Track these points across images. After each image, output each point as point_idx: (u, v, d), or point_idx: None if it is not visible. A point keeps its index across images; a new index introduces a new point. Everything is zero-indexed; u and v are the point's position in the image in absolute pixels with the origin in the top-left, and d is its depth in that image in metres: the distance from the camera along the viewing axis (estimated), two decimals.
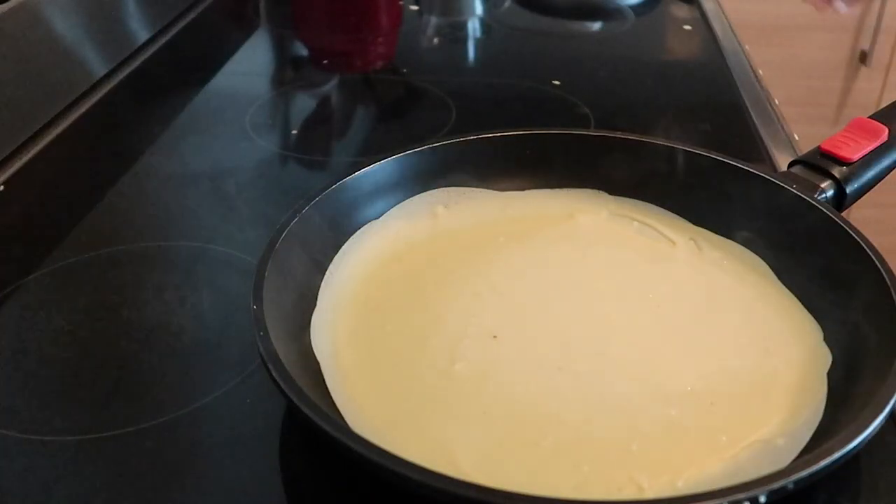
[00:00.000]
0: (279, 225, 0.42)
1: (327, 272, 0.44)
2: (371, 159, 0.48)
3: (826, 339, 0.40)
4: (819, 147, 0.49)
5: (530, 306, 0.43)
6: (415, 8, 0.98)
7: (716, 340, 0.41)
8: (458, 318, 0.42)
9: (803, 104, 1.49)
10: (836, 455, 0.30)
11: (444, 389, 0.38)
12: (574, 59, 0.84)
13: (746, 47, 0.86)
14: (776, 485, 0.29)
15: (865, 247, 0.41)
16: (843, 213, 0.45)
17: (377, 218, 0.48)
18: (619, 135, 0.52)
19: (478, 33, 0.94)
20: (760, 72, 0.80)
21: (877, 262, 0.39)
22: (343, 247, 0.46)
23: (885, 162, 0.49)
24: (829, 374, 0.38)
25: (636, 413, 0.36)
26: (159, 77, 0.79)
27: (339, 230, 0.46)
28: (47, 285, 0.49)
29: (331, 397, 0.37)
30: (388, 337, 0.41)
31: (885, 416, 0.32)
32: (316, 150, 0.68)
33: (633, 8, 0.97)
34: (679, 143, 0.50)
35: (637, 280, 0.45)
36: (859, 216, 0.57)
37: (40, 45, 0.66)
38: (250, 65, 0.85)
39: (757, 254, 0.46)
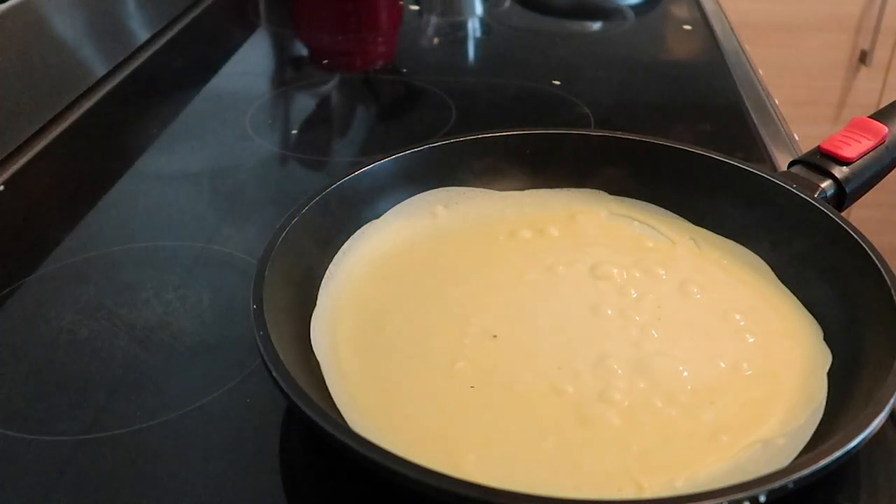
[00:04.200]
0: (279, 225, 0.42)
1: (327, 272, 0.44)
2: (371, 159, 0.48)
3: (826, 339, 0.40)
4: (819, 147, 0.49)
5: (530, 306, 0.43)
6: (415, 8, 0.98)
7: (716, 340, 0.41)
8: (458, 318, 0.42)
9: (803, 104, 1.49)
10: (837, 454, 0.30)
11: (444, 389, 0.38)
12: (574, 59, 0.84)
13: (746, 47, 0.86)
14: (776, 484, 0.29)
15: (865, 247, 0.41)
16: (843, 213, 0.45)
17: (377, 218, 0.48)
18: (619, 135, 0.52)
19: (478, 33, 0.94)
20: (760, 72, 0.80)
21: (877, 262, 0.39)
22: (343, 247, 0.46)
23: (885, 162, 0.49)
24: (829, 374, 0.38)
25: (636, 413, 0.36)
26: (159, 77, 0.79)
27: (339, 230, 0.46)
28: (47, 285, 0.49)
29: (331, 397, 0.37)
30: (388, 337, 0.41)
31: (885, 416, 0.32)
32: (316, 150, 0.68)
33: (633, 8, 0.97)
34: (679, 143, 0.50)
35: (637, 280, 0.45)
36: (859, 216, 0.57)
37: (40, 45, 0.66)
38: (250, 65, 0.85)
39: (757, 253, 0.46)
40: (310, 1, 1.01)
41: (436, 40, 0.92)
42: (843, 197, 0.47)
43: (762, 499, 0.28)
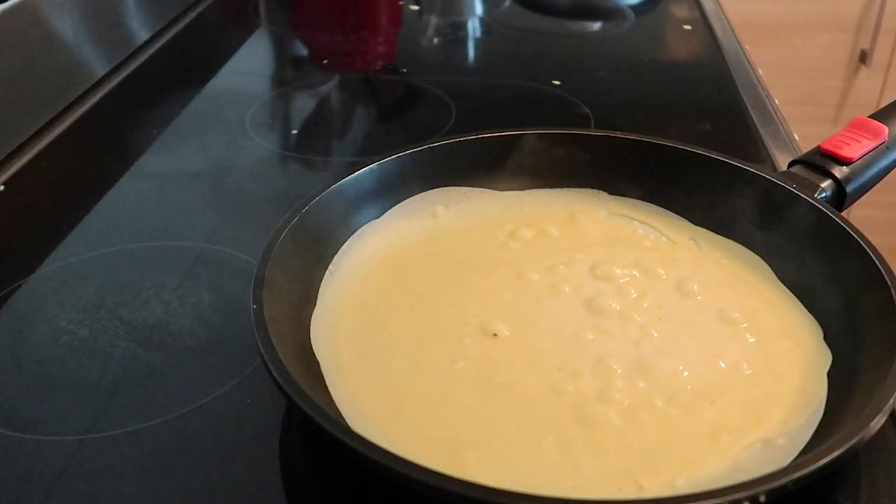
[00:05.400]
0: (279, 225, 0.42)
1: (327, 272, 0.44)
2: (371, 159, 0.48)
3: (826, 339, 0.40)
4: (819, 147, 0.49)
5: (530, 306, 0.43)
6: (415, 8, 0.98)
7: (716, 340, 0.41)
8: (458, 318, 0.42)
9: (803, 104, 1.49)
10: (836, 454, 0.30)
11: (444, 389, 0.38)
12: (574, 59, 0.84)
13: (746, 47, 0.86)
14: (776, 484, 0.29)
15: (865, 247, 0.41)
16: (843, 213, 0.45)
17: (377, 218, 0.48)
18: (619, 135, 0.52)
19: (478, 33, 0.95)
20: (760, 72, 0.80)
21: (877, 262, 0.39)
22: (343, 247, 0.46)
23: (885, 162, 0.49)
24: (829, 374, 0.38)
25: (636, 412, 0.36)
26: (159, 77, 0.79)
27: (340, 230, 0.46)
28: (47, 285, 0.49)
29: (331, 397, 0.37)
30: (387, 336, 0.41)
31: (885, 416, 0.32)
32: (316, 150, 0.68)
33: (633, 8, 0.97)
34: (679, 143, 0.50)
35: (637, 280, 0.45)
36: (859, 216, 0.57)
37: (40, 45, 0.66)
38: (250, 65, 0.85)
39: (757, 253, 0.46)
40: (310, 1, 1.01)
41: (436, 40, 0.92)
42: (843, 197, 0.47)
43: (762, 498, 0.28)
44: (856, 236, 0.41)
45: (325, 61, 0.87)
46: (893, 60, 1.47)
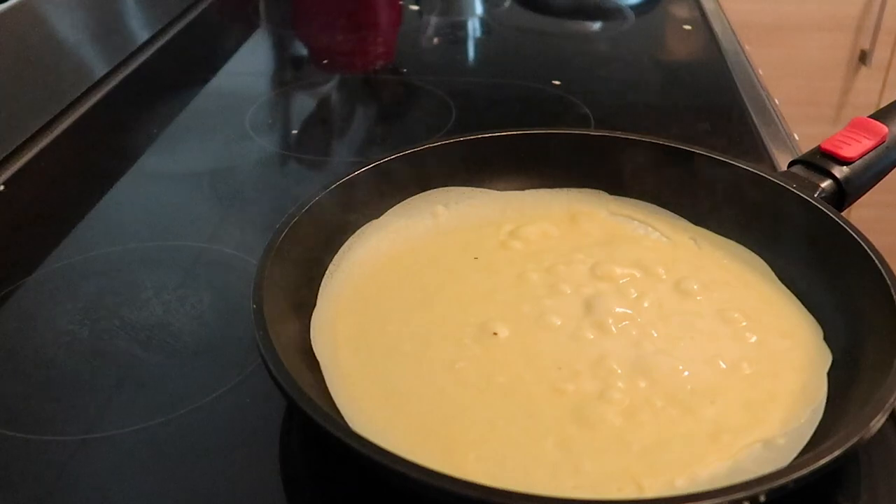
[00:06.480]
0: (279, 225, 0.42)
1: (327, 272, 0.44)
2: (371, 159, 0.48)
3: (826, 339, 0.40)
4: (819, 147, 0.49)
5: (530, 305, 0.43)
6: (415, 8, 0.98)
7: (716, 340, 0.41)
8: (458, 318, 0.42)
9: (803, 104, 1.49)
10: (836, 454, 0.30)
11: (444, 389, 0.38)
12: (574, 59, 0.84)
13: (746, 47, 0.86)
14: (776, 484, 0.29)
15: (865, 247, 0.41)
16: (843, 213, 0.45)
17: (377, 218, 0.48)
18: (619, 135, 0.52)
19: (478, 33, 0.95)
20: (760, 72, 0.80)
21: (877, 262, 0.39)
22: (343, 246, 0.46)
23: (885, 161, 0.49)
24: (829, 373, 0.38)
25: (636, 412, 0.36)
26: (159, 77, 0.79)
27: (340, 230, 0.46)
28: (47, 285, 0.49)
29: (331, 397, 0.37)
30: (388, 336, 0.41)
31: (885, 416, 0.32)
32: (316, 150, 0.68)
33: (633, 8, 0.97)
34: (679, 143, 0.50)
35: (637, 279, 0.45)
36: (859, 216, 0.57)
37: (40, 45, 0.66)
38: (250, 65, 0.85)
39: (757, 253, 0.46)
40: (310, 1, 1.01)
41: (436, 40, 0.92)
42: (844, 197, 0.47)
43: (762, 498, 0.28)
44: (856, 236, 0.41)
45: (325, 61, 0.87)
46: (893, 60, 1.47)
